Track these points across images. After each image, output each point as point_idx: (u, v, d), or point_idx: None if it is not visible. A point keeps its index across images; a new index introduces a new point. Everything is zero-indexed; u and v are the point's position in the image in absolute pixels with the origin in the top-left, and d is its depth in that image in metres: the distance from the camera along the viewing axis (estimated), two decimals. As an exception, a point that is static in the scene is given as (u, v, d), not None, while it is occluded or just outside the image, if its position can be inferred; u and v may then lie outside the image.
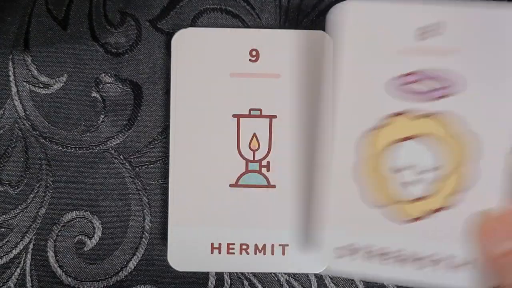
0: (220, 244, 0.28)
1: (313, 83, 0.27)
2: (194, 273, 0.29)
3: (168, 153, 0.29)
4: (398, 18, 0.24)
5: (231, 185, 0.28)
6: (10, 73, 0.30)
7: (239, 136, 0.28)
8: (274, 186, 0.28)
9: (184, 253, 0.28)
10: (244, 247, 0.28)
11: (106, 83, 0.30)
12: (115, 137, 0.30)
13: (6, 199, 0.29)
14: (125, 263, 0.29)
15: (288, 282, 0.29)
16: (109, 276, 0.29)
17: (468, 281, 0.23)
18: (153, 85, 0.30)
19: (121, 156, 0.30)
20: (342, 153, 0.24)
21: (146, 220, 0.29)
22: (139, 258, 0.29)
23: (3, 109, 0.30)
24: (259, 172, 0.28)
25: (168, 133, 0.29)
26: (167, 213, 0.28)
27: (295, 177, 0.28)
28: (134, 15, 0.30)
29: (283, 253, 0.28)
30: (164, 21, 0.30)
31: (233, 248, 0.28)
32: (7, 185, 0.30)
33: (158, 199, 0.30)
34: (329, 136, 0.24)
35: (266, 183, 0.28)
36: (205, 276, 0.29)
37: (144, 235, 0.29)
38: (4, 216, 0.29)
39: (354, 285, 0.29)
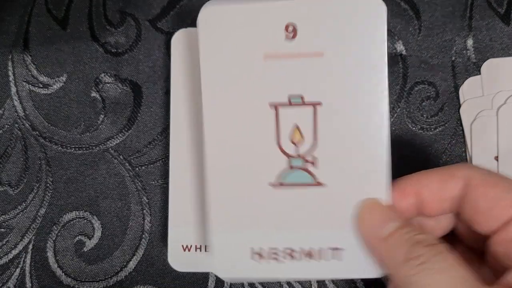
0: None
1: (362, 61, 0.23)
2: (194, 273, 0.29)
3: (168, 153, 0.29)
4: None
5: (271, 184, 0.23)
6: (10, 73, 0.30)
7: (278, 128, 0.24)
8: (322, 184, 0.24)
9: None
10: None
11: (105, 83, 0.30)
12: (115, 137, 0.30)
13: (5, 199, 0.29)
14: (125, 263, 0.29)
15: (288, 282, 0.29)
16: (109, 276, 0.29)
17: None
18: (153, 85, 0.30)
19: (121, 156, 0.29)
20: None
21: (146, 220, 0.29)
22: (139, 259, 0.29)
23: (2, 109, 0.30)
24: (304, 169, 0.24)
25: (168, 133, 0.29)
26: (167, 213, 0.28)
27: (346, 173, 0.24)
28: (134, 15, 0.30)
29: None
30: (164, 21, 0.30)
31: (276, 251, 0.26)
32: (6, 185, 0.29)
33: (158, 199, 0.29)
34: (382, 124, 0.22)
35: (312, 181, 0.24)
36: (205, 276, 0.29)
37: (144, 235, 0.29)
38: (3, 216, 0.29)
39: (354, 285, 0.29)
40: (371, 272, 0.23)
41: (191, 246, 0.28)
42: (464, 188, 0.22)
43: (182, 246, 0.28)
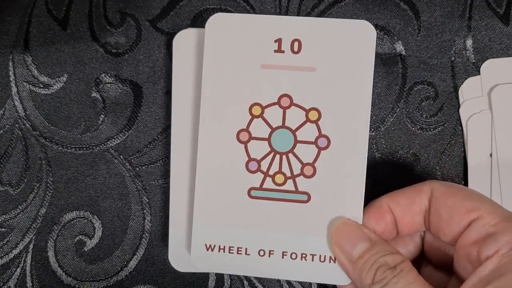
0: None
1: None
2: (194, 273, 0.29)
3: (168, 153, 0.29)
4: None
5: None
6: (10, 73, 0.30)
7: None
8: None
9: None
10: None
11: (106, 83, 0.30)
12: (115, 137, 0.30)
13: (6, 199, 0.30)
14: (125, 263, 0.29)
15: (288, 282, 0.29)
16: (109, 276, 0.29)
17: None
18: (153, 85, 0.30)
19: (121, 156, 0.30)
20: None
21: (146, 220, 0.29)
22: (139, 258, 0.29)
23: (3, 109, 0.30)
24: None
25: (168, 133, 0.29)
26: (167, 213, 0.28)
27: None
28: (134, 15, 0.30)
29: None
30: (164, 21, 0.30)
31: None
32: (7, 185, 0.30)
33: (158, 199, 0.30)
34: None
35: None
36: (205, 276, 0.29)
37: (144, 235, 0.29)
38: (4, 216, 0.29)
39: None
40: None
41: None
42: (429, 201, 0.24)
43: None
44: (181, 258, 0.28)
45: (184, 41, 0.28)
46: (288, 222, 0.25)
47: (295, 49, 0.25)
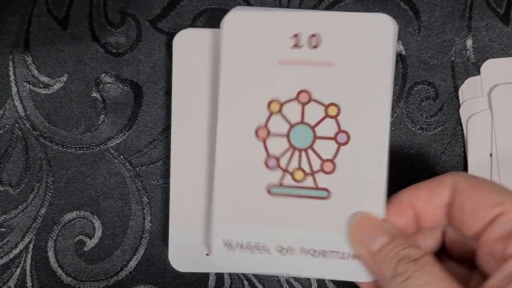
0: None
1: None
2: (194, 273, 0.29)
3: (168, 153, 0.29)
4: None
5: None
6: (11, 73, 0.30)
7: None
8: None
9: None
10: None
11: (106, 83, 0.30)
12: (116, 137, 0.30)
13: (6, 199, 0.30)
14: (125, 263, 0.29)
15: (288, 282, 0.29)
16: (109, 276, 0.29)
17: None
18: (153, 85, 0.30)
19: (122, 156, 0.30)
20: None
21: (146, 220, 0.29)
22: (139, 258, 0.29)
23: (3, 109, 0.30)
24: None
25: (168, 133, 0.29)
26: (167, 213, 0.28)
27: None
28: (135, 15, 0.30)
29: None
30: (164, 21, 0.30)
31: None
32: (7, 185, 0.30)
33: (158, 199, 0.30)
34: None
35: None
36: (205, 276, 0.29)
37: (144, 235, 0.29)
38: (4, 216, 0.29)
39: (354, 285, 0.29)
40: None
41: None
42: (452, 194, 0.23)
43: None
44: (181, 258, 0.28)
45: (184, 41, 0.28)
46: (308, 219, 0.25)
47: (313, 44, 0.25)
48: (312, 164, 0.25)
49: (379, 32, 0.24)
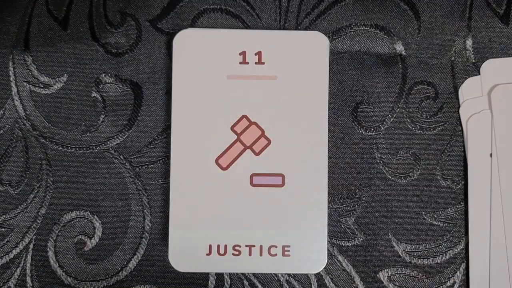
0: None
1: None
2: (194, 273, 0.29)
3: (168, 153, 0.29)
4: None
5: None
6: (11, 73, 0.30)
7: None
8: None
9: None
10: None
11: (106, 83, 0.30)
12: (115, 137, 0.30)
13: (6, 199, 0.30)
14: (125, 263, 0.29)
15: (288, 282, 0.29)
16: (109, 276, 0.30)
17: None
18: (153, 85, 0.30)
19: (121, 156, 0.30)
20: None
21: (146, 220, 0.29)
22: (139, 258, 0.29)
23: (3, 109, 0.30)
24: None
25: (168, 133, 0.29)
26: (168, 213, 0.28)
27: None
28: (134, 15, 0.30)
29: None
30: (164, 21, 0.30)
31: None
32: (7, 185, 0.30)
33: (158, 199, 0.30)
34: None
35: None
36: (205, 276, 0.29)
37: (144, 235, 0.29)
38: (4, 216, 0.29)
39: (354, 285, 0.29)
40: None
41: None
42: None
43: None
44: (181, 258, 0.28)
45: (184, 41, 0.28)
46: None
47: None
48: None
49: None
